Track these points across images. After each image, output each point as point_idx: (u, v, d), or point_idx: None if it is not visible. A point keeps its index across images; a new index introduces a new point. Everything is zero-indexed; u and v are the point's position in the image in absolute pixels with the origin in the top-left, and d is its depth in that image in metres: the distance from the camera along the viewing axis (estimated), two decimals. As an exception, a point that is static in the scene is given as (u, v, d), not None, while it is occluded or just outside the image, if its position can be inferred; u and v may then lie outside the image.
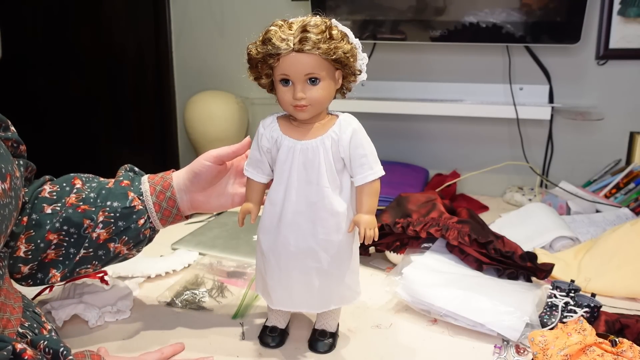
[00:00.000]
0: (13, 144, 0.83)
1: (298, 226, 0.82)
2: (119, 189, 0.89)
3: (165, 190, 0.90)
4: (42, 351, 0.68)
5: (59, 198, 0.87)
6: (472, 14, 1.61)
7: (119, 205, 0.87)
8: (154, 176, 0.92)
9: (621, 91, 1.68)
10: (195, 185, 0.91)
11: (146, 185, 0.90)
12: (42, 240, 0.85)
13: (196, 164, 0.91)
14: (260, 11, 1.88)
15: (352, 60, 0.80)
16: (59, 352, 0.68)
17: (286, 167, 0.81)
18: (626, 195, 1.54)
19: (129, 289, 1.03)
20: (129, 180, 0.90)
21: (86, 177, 0.92)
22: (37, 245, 0.85)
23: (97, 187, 0.89)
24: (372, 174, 0.81)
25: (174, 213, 0.91)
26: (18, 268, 0.85)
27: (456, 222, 1.14)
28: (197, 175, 0.90)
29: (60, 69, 2.24)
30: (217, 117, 1.90)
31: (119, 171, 0.95)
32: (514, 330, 0.91)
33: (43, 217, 0.85)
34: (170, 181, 0.91)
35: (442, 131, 1.84)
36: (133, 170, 0.95)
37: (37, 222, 0.85)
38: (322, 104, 0.80)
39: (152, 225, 0.91)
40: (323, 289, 0.85)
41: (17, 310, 0.76)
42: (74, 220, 0.86)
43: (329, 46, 0.76)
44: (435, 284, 1.01)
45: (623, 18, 1.61)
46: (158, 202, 0.90)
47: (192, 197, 0.92)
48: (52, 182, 0.91)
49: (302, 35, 0.75)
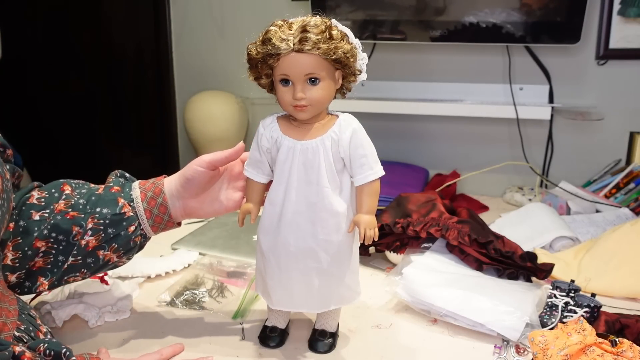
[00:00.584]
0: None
1: (298, 226, 0.82)
2: (108, 195, 0.86)
3: (156, 196, 0.88)
4: (43, 354, 0.67)
5: (48, 204, 0.85)
6: (472, 14, 1.61)
7: (108, 211, 0.85)
8: (145, 182, 0.90)
9: (621, 91, 1.68)
10: (188, 191, 0.89)
11: (137, 191, 0.88)
12: (30, 247, 0.83)
13: (188, 170, 0.88)
14: (260, 11, 1.88)
15: (352, 60, 0.80)
16: (61, 353, 0.67)
17: (286, 167, 0.81)
18: (626, 195, 1.54)
19: (129, 289, 1.03)
20: (119, 186, 0.88)
21: (76, 184, 0.90)
22: (25, 253, 0.83)
23: (87, 194, 0.87)
24: (372, 174, 0.81)
25: (165, 220, 0.89)
26: (5, 277, 0.82)
27: (456, 222, 1.14)
28: (190, 181, 0.88)
29: (60, 69, 2.25)
30: (217, 117, 1.90)
31: (109, 177, 0.92)
32: (514, 330, 0.91)
33: (31, 224, 0.83)
34: (162, 187, 0.89)
35: (442, 131, 1.84)
36: (124, 176, 0.93)
37: (25, 229, 0.83)
38: (322, 104, 0.80)
39: (143, 232, 0.88)
40: (323, 289, 0.85)
41: (13, 314, 0.75)
42: (62, 227, 0.83)
43: (329, 46, 0.76)
44: (435, 284, 1.01)
45: (623, 18, 1.61)
46: (149, 208, 0.87)
47: (185, 204, 0.90)
48: (41, 189, 0.88)
49: (302, 35, 0.75)
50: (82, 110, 2.26)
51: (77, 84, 2.25)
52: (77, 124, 2.27)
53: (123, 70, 2.20)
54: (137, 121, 2.25)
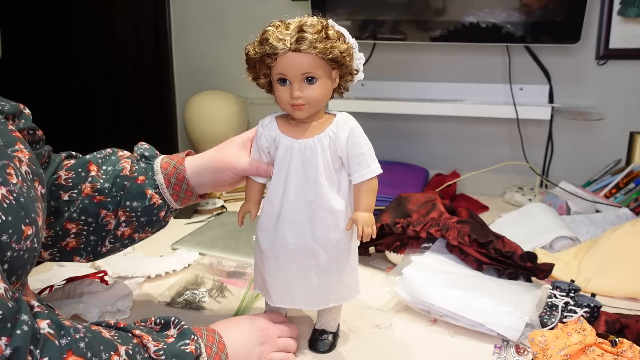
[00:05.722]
0: (29, 131, 0.83)
1: (296, 224, 0.82)
2: (135, 188, 0.89)
3: (180, 182, 0.90)
4: (153, 323, 0.74)
5: (75, 185, 0.89)
6: (472, 14, 1.61)
7: (139, 204, 0.89)
8: (167, 165, 0.91)
9: (621, 91, 1.68)
10: (213, 188, 0.93)
11: (160, 177, 0.90)
12: (61, 228, 0.88)
13: (221, 174, 0.89)
14: (260, 11, 1.88)
15: (349, 59, 0.80)
16: (171, 320, 0.74)
17: (284, 166, 0.82)
18: (626, 195, 1.54)
19: (129, 289, 1.03)
20: (144, 175, 0.90)
21: (101, 158, 0.93)
22: (57, 233, 0.88)
23: (112, 175, 0.89)
24: (370, 172, 0.81)
25: (192, 199, 0.93)
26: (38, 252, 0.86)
27: (456, 222, 1.14)
28: (218, 183, 0.91)
29: (61, 69, 2.25)
30: (217, 117, 1.90)
31: (132, 159, 0.93)
32: (514, 330, 0.91)
33: (61, 205, 0.88)
34: (184, 174, 0.90)
35: (442, 131, 1.84)
36: (144, 156, 0.94)
37: (56, 209, 0.88)
38: (319, 103, 0.80)
39: (172, 209, 0.93)
40: (322, 287, 0.85)
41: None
42: (90, 210, 0.88)
43: (325, 45, 0.76)
44: (435, 284, 1.01)
45: (623, 18, 1.61)
46: (175, 192, 0.91)
47: (206, 186, 0.93)
48: (68, 169, 0.90)
49: (298, 35, 0.75)
50: (82, 110, 2.26)
51: (78, 84, 2.25)
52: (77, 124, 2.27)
53: (123, 70, 2.20)
54: (137, 121, 2.25)
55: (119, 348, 0.63)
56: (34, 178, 0.70)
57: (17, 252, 0.61)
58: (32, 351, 0.55)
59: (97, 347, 0.61)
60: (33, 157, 0.72)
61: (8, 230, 0.60)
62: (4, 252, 0.59)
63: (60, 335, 0.58)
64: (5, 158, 0.65)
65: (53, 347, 0.57)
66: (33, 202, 0.66)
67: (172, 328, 0.74)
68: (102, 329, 0.65)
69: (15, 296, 0.56)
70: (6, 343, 0.52)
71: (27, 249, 0.63)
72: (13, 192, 0.62)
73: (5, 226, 0.59)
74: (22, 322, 0.54)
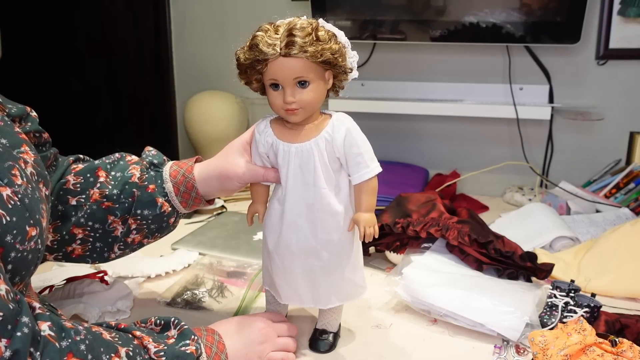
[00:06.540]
0: (35, 134, 0.83)
1: (298, 227, 0.82)
2: (147, 197, 0.89)
3: (189, 191, 0.90)
4: (154, 324, 0.74)
5: (83, 190, 0.89)
6: (472, 14, 1.61)
7: (150, 212, 0.90)
8: (176, 173, 0.91)
9: (621, 91, 1.68)
10: (220, 194, 0.94)
11: (169, 185, 0.90)
12: (68, 232, 0.88)
13: (228, 184, 0.89)
14: (260, 11, 1.88)
15: (341, 60, 0.79)
16: (171, 321, 0.74)
17: (284, 171, 0.82)
18: (626, 195, 1.54)
19: (129, 289, 1.03)
20: (154, 184, 0.90)
21: (110, 164, 0.93)
22: (63, 237, 0.88)
23: (121, 181, 0.90)
24: (369, 171, 0.81)
25: (201, 205, 0.94)
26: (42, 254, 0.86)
27: (456, 222, 1.14)
28: (225, 191, 0.92)
29: (60, 69, 2.24)
30: (217, 117, 1.90)
31: (141, 166, 0.92)
32: (514, 330, 0.91)
33: (68, 209, 0.88)
34: (194, 182, 0.90)
35: (442, 131, 1.84)
36: (152, 164, 0.94)
37: (63, 214, 0.88)
38: (313, 106, 0.80)
39: (181, 214, 0.94)
40: (327, 286, 0.86)
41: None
42: (98, 216, 0.88)
43: (316, 49, 0.75)
44: (435, 284, 1.01)
45: (623, 18, 1.61)
46: (184, 200, 0.91)
47: (213, 192, 0.93)
48: (76, 173, 0.90)
49: (288, 39, 0.75)
50: (82, 110, 2.26)
51: (77, 84, 2.25)
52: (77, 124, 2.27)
53: (123, 70, 2.20)
54: (137, 121, 2.24)
55: (120, 350, 0.63)
56: (38, 180, 0.70)
57: (21, 253, 0.61)
58: (32, 353, 0.55)
59: (97, 349, 0.61)
60: (38, 158, 0.73)
61: (12, 231, 0.60)
62: (8, 253, 0.60)
63: (61, 338, 0.58)
64: (10, 159, 0.65)
65: (53, 349, 0.57)
66: (37, 203, 0.66)
67: (172, 329, 0.74)
68: (102, 330, 0.65)
69: (16, 298, 0.56)
70: (6, 345, 0.53)
71: (31, 250, 0.63)
72: (18, 193, 0.62)
73: (10, 227, 0.59)
74: (23, 324, 0.54)
